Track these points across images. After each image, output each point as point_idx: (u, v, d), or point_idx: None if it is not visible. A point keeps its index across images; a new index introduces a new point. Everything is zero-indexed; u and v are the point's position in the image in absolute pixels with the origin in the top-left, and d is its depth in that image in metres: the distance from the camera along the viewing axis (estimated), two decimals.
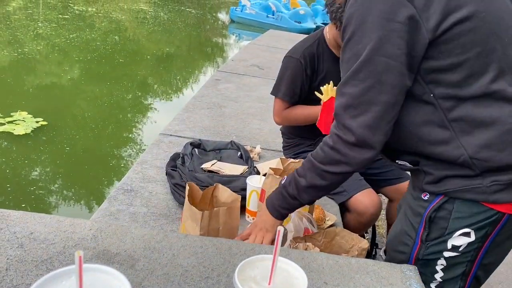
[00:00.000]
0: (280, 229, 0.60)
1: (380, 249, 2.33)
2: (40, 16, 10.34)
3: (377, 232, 2.46)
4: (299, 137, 2.08)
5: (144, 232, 0.95)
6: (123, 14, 12.57)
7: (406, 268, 0.92)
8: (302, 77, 1.89)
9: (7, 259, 0.82)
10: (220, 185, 1.25)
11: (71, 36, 8.80)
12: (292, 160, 1.60)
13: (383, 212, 2.97)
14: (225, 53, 10.25)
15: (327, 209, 1.83)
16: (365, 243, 1.13)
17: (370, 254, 2.22)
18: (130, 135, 4.94)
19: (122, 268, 0.83)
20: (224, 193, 1.24)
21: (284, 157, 2.06)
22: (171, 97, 6.62)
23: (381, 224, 2.89)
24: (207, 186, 1.37)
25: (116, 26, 10.86)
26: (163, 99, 6.44)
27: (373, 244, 2.27)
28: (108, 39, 9.30)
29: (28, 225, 0.92)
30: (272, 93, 2.01)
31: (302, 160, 1.61)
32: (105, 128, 4.89)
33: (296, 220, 1.41)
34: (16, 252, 0.84)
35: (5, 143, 4.15)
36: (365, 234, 2.36)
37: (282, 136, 2.18)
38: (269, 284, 0.61)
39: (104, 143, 4.56)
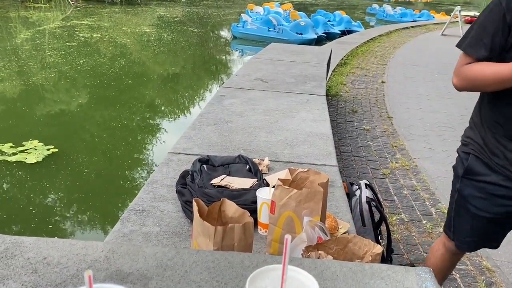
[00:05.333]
0: (288, 237, 0.60)
1: (396, 254, 2.30)
2: (48, 45, 10.56)
3: (392, 237, 2.43)
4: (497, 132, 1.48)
5: (155, 250, 0.95)
6: (128, 38, 12.78)
7: (421, 271, 0.91)
8: (498, 23, 1.37)
9: (22, 285, 0.83)
10: (226, 200, 1.26)
11: (81, 61, 8.98)
12: (300, 170, 1.59)
13: (394, 220, 2.94)
14: (229, 69, 10.35)
15: (340, 217, 1.82)
16: (378, 248, 1.12)
17: (386, 260, 2.19)
18: (140, 156, 4.98)
19: None
20: (231, 208, 1.25)
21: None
22: (179, 116, 6.68)
23: (396, 229, 2.86)
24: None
25: (122, 50, 11.04)
26: (171, 119, 6.50)
27: (389, 250, 2.24)
28: (116, 62, 9.46)
29: (41, 250, 0.93)
30: (457, 45, 1.52)
31: (311, 169, 1.61)
32: (116, 151, 4.94)
33: (309, 229, 1.40)
34: (30, 277, 0.85)
35: (18, 172, 4.21)
36: (381, 240, 2.34)
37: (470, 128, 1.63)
38: None
39: (115, 166, 4.60)
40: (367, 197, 2.24)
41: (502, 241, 1.70)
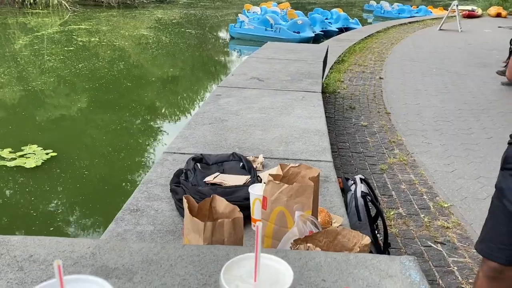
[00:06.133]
0: (259, 224, 0.61)
1: (394, 249, 2.30)
2: (46, 50, 10.58)
3: (389, 232, 2.43)
4: None
5: (141, 246, 0.96)
6: (126, 41, 12.80)
7: (406, 259, 0.91)
8: None
9: (7, 282, 0.83)
10: (217, 196, 1.26)
11: (79, 65, 9.00)
12: (292, 165, 1.59)
13: (389, 209, 2.94)
14: (227, 70, 10.35)
15: (334, 212, 1.82)
16: (367, 240, 1.12)
17: (384, 253, 2.19)
18: (139, 158, 4.99)
19: (120, 282, 0.84)
20: (222, 204, 1.25)
21: None
22: (179, 117, 6.70)
23: (394, 223, 2.86)
24: None
25: (120, 53, 11.06)
26: (171, 120, 6.52)
27: (386, 244, 2.24)
28: (115, 65, 9.47)
29: (28, 248, 0.93)
30: None
31: (302, 164, 1.61)
32: (114, 153, 4.95)
33: (300, 224, 1.40)
34: (16, 275, 0.85)
35: (17, 177, 4.22)
36: (378, 235, 2.34)
37: None
38: (255, 281, 0.62)
39: (114, 168, 4.62)
40: (362, 191, 2.24)
41: None
